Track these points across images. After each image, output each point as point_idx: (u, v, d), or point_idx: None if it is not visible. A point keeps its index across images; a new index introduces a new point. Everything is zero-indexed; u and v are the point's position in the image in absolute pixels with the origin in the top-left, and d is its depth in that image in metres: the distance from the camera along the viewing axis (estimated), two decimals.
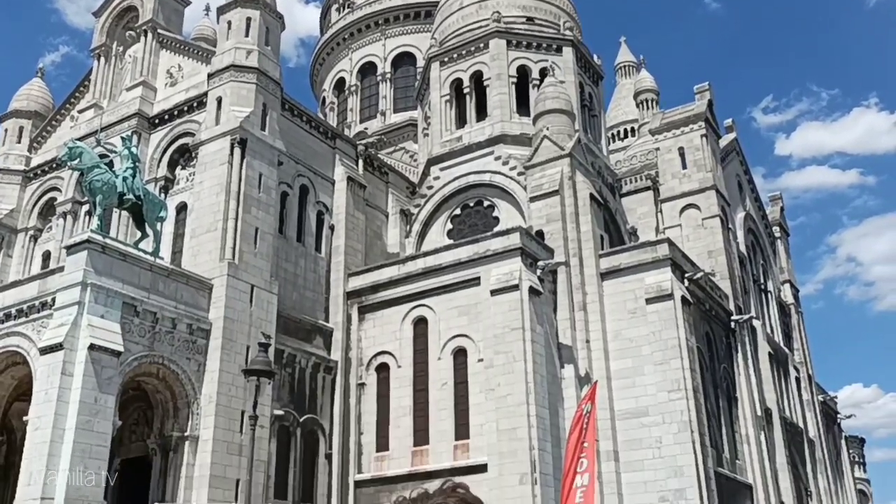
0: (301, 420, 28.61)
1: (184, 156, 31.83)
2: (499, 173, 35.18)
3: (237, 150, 28.60)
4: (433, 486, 3.47)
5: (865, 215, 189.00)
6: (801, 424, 43.91)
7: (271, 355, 24.15)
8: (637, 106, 52.30)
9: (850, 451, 63.24)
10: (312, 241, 32.37)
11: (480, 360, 28.03)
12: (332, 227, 33.04)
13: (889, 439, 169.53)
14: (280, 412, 27.24)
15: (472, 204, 36.06)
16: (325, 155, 33.93)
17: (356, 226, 33.65)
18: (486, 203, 35.66)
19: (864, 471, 77.77)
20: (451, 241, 33.21)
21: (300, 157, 32.43)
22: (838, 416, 56.21)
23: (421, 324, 30.07)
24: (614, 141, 54.76)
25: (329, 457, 29.12)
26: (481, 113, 37.30)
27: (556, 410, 27.72)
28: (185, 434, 24.73)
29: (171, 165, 32.13)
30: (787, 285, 50.79)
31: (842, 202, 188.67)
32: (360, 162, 35.51)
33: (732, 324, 35.88)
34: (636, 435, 28.40)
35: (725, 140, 44.29)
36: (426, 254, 31.76)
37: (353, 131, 49.04)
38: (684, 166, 39.29)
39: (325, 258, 32.54)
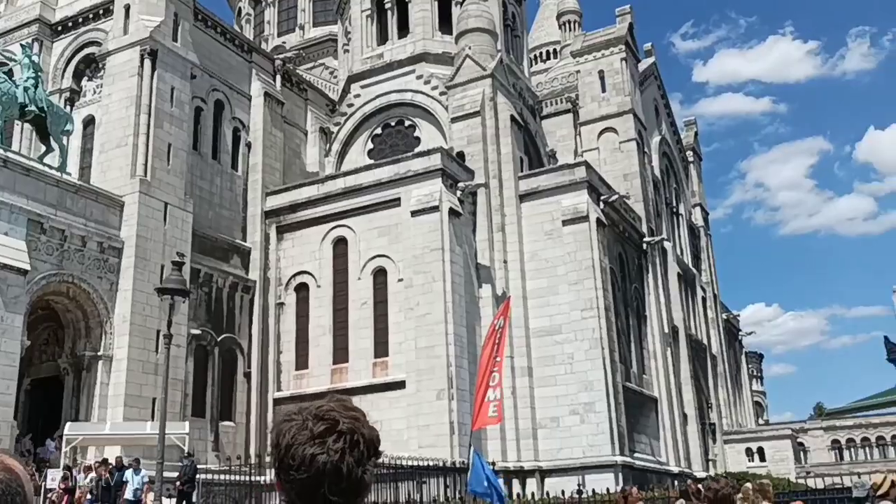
0: (219, 339, 28.50)
1: (90, 66, 30.30)
2: (420, 93, 34.82)
3: (147, 62, 27.38)
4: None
5: (775, 142, 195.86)
6: (705, 341, 46.18)
7: (186, 274, 23.75)
8: (559, 27, 52.17)
9: (750, 365, 67.14)
10: (228, 159, 31.61)
11: (400, 280, 28.29)
12: (248, 145, 32.30)
13: (786, 355, 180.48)
14: (197, 331, 27.06)
15: (393, 123, 35.71)
16: (240, 69, 32.85)
17: (274, 143, 32.98)
18: (407, 123, 35.36)
19: (762, 384, 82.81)
20: (372, 161, 32.94)
21: (214, 70, 31.31)
22: (740, 333, 59.26)
23: (341, 244, 30.02)
24: (536, 63, 54.62)
25: (248, 375, 29.21)
26: (403, 30, 36.58)
27: (474, 329, 28.36)
28: (99, 353, 24.35)
29: (77, 76, 30.58)
30: (697, 209, 52.57)
31: (754, 129, 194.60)
32: (278, 77, 34.55)
33: (644, 245, 37.06)
34: (550, 352, 29.39)
35: (644, 64, 44.78)
36: (346, 173, 31.48)
37: (270, 45, 47.47)
38: (604, 90, 39.68)
39: (241, 176, 31.88)
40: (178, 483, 19.14)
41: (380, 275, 29.10)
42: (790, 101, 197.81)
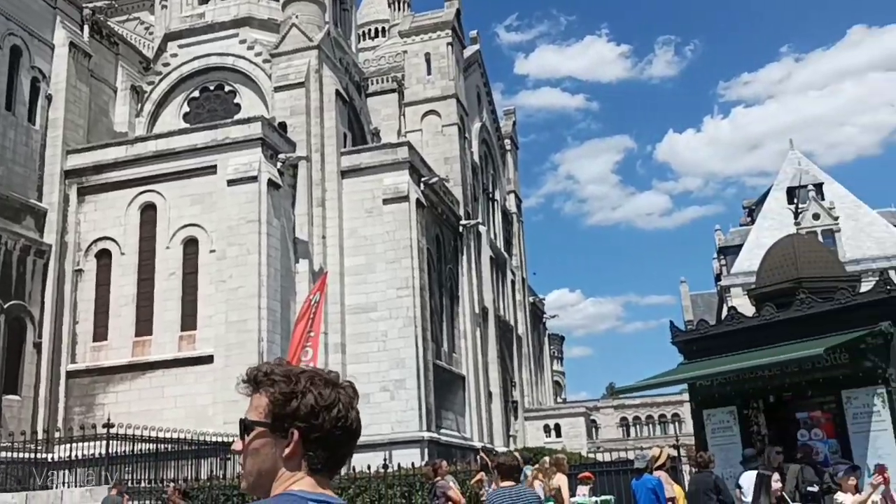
0: (6, 306, 26.16)
1: None
2: (243, 58, 33.60)
3: None
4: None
5: (587, 137, 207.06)
6: (512, 322, 48.24)
7: None
8: (389, 5, 52.20)
9: (552, 347, 70.87)
10: (25, 111, 28.92)
11: (213, 252, 27.27)
12: (49, 98, 29.72)
13: (585, 338, 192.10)
14: None
15: (212, 88, 34.24)
16: (43, 14, 30.10)
17: (79, 98, 30.57)
18: (227, 88, 34.02)
19: (562, 365, 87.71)
20: (188, 125, 31.45)
21: (11, 12, 28.48)
22: (544, 316, 62.46)
23: (149, 210, 28.46)
24: (364, 39, 54.31)
25: (38, 346, 27.06)
26: None
27: (288, 304, 27.92)
28: None
29: None
30: (512, 195, 54.65)
31: (568, 123, 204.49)
32: (86, 28, 31.98)
33: (461, 228, 38.06)
34: (364, 329, 29.54)
35: (470, 51, 45.79)
36: (159, 136, 29.85)
37: None
38: (429, 72, 40.17)
39: (40, 131, 29.31)
40: None
41: (191, 245, 27.90)
42: (602, 100, 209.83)
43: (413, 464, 18.24)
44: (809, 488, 8.79)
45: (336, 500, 1.62)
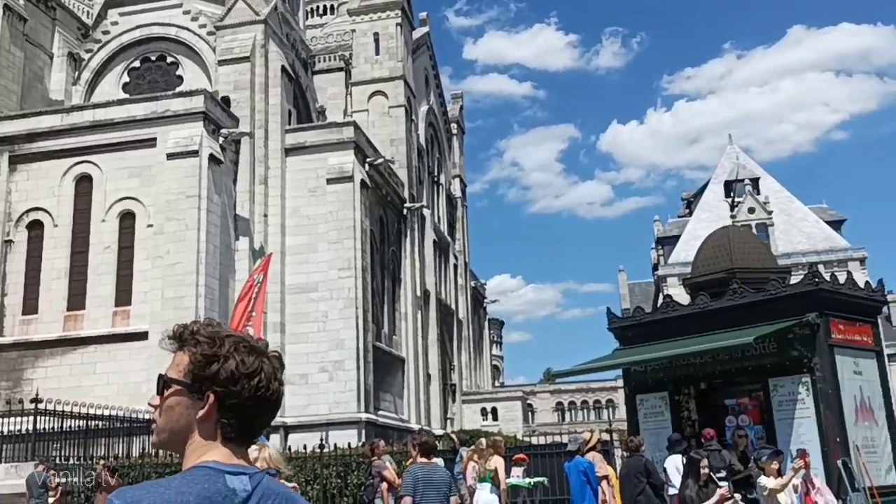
0: None
1: None
2: (187, 29, 32.83)
3: None
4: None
5: (533, 125, 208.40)
6: (453, 306, 48.42)
7: None
8: None
9: (491, 331, 71.47)
10: None
11: (150, 226, 26.69)
12: None
13: (524, 323, 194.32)
14: None
15: (153, 58, 33.39)
16: None
17: (12, 63, 29.49)
18: (169, 60, 33.22)
19: (501, 349, 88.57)
20: (127, 96, 30.65)
21: None
22: (485, 300, 62.87)
23: (84, 181, 27.68)
24: (312, 16, 53.49)
25: None
26: None
27: (227, 282, 27.53)
28: None
29: None
30: (457, 180, 54.72)
31: (515, 110, 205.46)
32: None
33: (405, 210, 37.98)
34: (304, 309, 29.32)
35: (419, 33, 45.52)
36: (96, 105, 29.00)
37: None
38: (377, 52, 39.82)
39: None
40: None
41: (127, 218, 27.26)
42: (548, 88, 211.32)
43: (350, 444, 18.25)
44: (717, 475, 9.07)
45: (251, 471, 1.58)
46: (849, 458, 10.46)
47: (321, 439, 17.68)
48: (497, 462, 9.56)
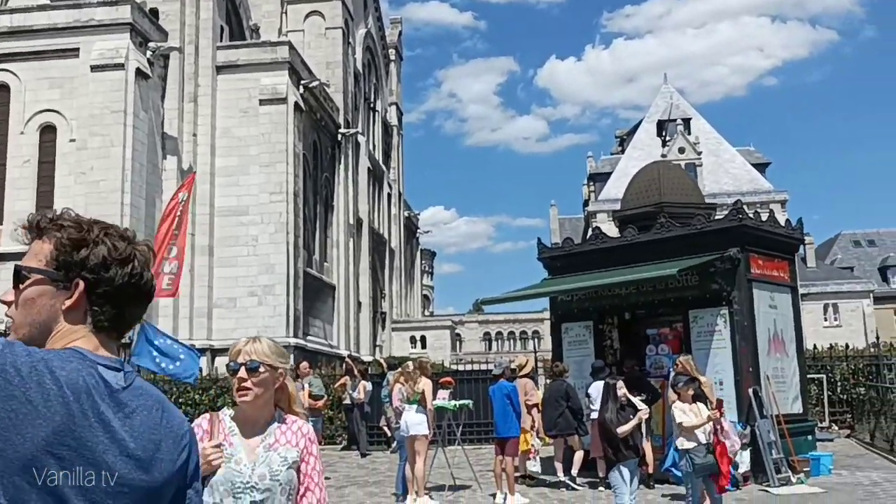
0: None
1: None
2: None
3: None
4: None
5: (472, 56, 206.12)
6: (386, 235, 48.38)
7: None
8: None
9: (423, 262, 71.85)
10: None
11: (72, 141, 25.66)
12: None
13: (455, 255, 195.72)
14: None
15: None
16: None
17: None
18: None
19: (432, 280, 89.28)
20: (48, 2, 28.94)
21: None
22: (418, 231, 62.96)
23: (2, 91, 26.33)
24: None
25: None
26: None
27: (154, 202, 26.79)
28: None
29: None
30: (393, 108, 54.00)
31: (455, 40, 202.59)
32: None
33: (339, 136, 37.38)
34: (234, 232, 28.85)
35: None
36: (14, 10, 27.39)
37: None
38: None
39: None
40: None
41: (48, 131, 26.13)
42: (489, 19, 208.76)
43: None
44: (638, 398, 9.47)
45: (126, 368, 1.46)
46: (759, 387, 10.99)
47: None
48: (424, 384, 9.71)
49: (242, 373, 2.52)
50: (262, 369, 2.51)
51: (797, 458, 11.00)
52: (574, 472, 11.05)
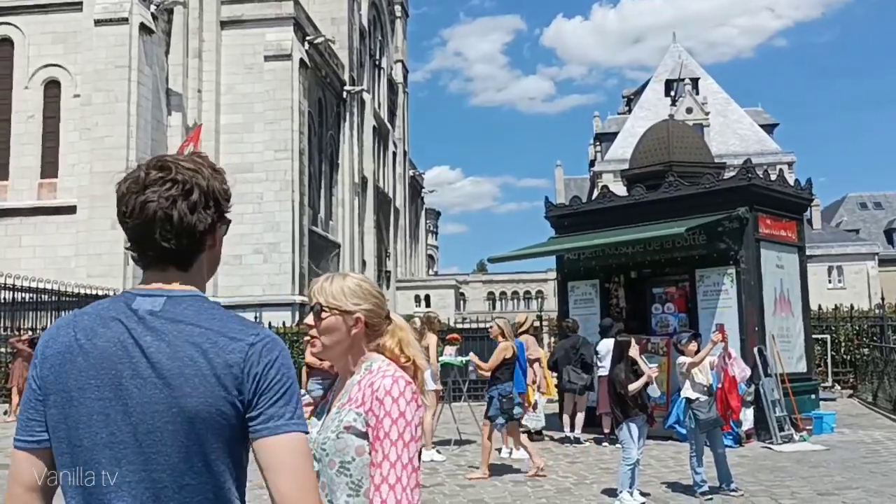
0: None
1: None
2: None
3: None
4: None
5: (480, 14, 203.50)
6: (391, 194, 48.29)
7: None
8: None
9: (428, 221, 71.81)
10: None
11: (77, 96, 25.52)
12: None
13: (460, 215, 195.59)
14: None
15: None
16: None
17: None
18: None
19: (436, 239, 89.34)
20: None
21: None
22: (423, 190, 62.83)
23: (4, 45, 26.14)
24: None
25: None
26: None
27: None
28: None
29: None
30: (399, 65, 53.46)
31: None
32: None
33: (344, 94, 37.11)
34: (239, 189, 28.59)
35: None
36: None
37: None
38: None
39: None
40: None
41: (52, 86, 25.99)
42: None
43: (284, 323, 18.40)
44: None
45: (175, 293, 1.53)
46: (764, 346, 11.04)
47: (255, 318, 17.77)
48: (430, 339, 9.76)
49: (310, 318, 2.12)
50: (325, 314, 2.08)
51: (800, 417, 11.08)
52: (578, 430, 11.14)
